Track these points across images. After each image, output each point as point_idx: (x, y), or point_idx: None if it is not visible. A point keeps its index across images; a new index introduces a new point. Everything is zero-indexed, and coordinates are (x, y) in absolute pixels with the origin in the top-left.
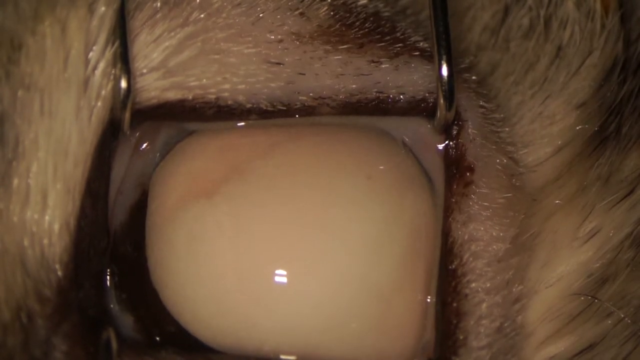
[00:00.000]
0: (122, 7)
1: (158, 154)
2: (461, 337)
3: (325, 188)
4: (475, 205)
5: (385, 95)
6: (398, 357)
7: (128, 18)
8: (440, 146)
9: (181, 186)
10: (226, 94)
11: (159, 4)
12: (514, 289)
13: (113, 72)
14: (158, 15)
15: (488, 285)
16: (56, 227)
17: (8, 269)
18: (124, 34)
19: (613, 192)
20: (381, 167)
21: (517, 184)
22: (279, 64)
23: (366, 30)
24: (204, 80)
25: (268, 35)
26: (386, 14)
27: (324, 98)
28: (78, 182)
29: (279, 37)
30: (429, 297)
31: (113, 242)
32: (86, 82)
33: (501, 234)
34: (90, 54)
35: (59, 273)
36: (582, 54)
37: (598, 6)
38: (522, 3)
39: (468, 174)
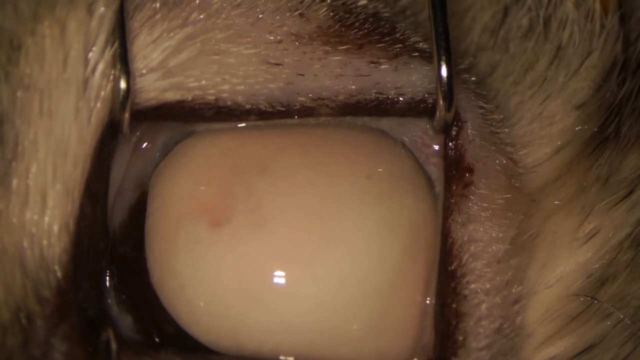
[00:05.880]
0: (122, 8)
1: (158, 155)
2: (460, 338)
3: (324, 189)
4: (474, 206)
5: (385, 96)
6: (397, 358)
7: (127, 19)
8: (440, 147)
9: (181, 187)
10: (225, 95)
11: (158, 5)
12: (513, 290)
13: (112, 72)
14: (157, 16)
15: (487, 286)
16: (55, 227)
17: (7, 269)
18: (123, 35)
19: (612, 193)
20: (380, 168)
21: (517, 184)
22: (278, 64)
23: (366, 31)
24: (203, 81)
25: (267, 36)
26: (386, 14)
27: (323, 99)
28: (77, 182)
29: (279, 37)
30: (428, 298)
31: (112, 243)
32: (85, 82)
33: (500, 235)
34: (90, 55)
35: (58, 274)
36: (582, 54)
37: (597, 6)
38: (522, 3)
39: (467, 174)
